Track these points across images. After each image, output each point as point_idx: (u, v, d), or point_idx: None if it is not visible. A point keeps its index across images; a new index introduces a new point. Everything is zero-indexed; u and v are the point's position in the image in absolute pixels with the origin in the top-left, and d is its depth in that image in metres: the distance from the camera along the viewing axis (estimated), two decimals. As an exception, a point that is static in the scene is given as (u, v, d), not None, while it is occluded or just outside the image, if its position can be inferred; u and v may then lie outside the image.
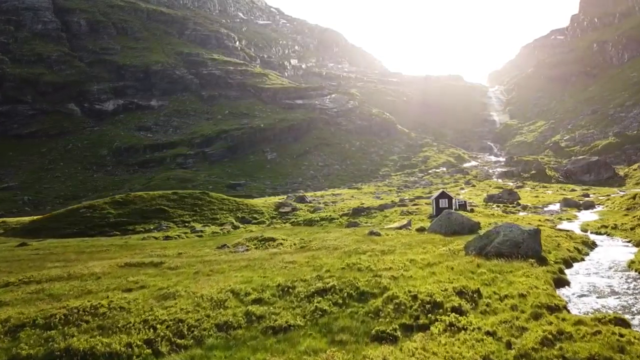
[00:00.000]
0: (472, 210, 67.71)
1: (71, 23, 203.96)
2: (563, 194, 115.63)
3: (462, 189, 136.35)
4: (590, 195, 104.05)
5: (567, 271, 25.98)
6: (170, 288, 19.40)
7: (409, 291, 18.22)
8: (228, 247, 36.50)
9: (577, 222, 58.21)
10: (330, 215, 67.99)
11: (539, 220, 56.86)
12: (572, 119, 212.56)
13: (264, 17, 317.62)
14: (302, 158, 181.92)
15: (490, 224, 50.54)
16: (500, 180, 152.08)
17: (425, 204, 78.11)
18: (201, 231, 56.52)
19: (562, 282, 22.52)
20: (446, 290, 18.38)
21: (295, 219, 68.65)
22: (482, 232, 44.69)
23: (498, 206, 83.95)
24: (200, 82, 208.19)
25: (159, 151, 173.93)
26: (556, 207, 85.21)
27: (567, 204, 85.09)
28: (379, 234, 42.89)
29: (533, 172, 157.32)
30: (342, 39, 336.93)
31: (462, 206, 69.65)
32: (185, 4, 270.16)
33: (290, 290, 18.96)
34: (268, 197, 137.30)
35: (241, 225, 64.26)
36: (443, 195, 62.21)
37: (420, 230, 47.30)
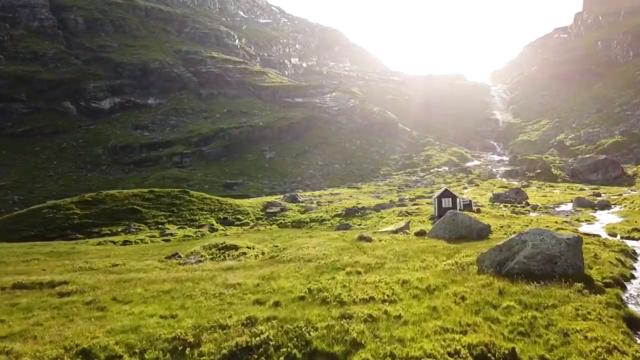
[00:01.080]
0: (478, 211, 59.67)
1: (68, 20, 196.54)
2: (572, 193, 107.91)
3: (465, 188, 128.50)
4: (602, 195, 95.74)
5: (624, 297, 17.91)
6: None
7: (393, 355, 10.20)
8: (180, 256, 28.64)
9: (599, 224, 50.06)
10: (321, 216, 60.08)
11: (556, 222, 48.78)
12: (577, 118, 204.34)
13: (264, 16, 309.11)
14: (302, 157, 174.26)
15: (501, 226, 42.52)
16: (504, 180, 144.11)
17: (427, 203, 70.17)
18: (171, 234, 48.65)
19: (634, 323, 14.39)
20: (457, 353, 10.40)
21: (283, 220, 60.72)
22: (493, 236, 36.63)
23: (505, 206, 75.94)
24: (198, 80, 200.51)
25: (155, 150, 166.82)
26: (568, 207, 77.10)
27: (581, 203, 76.90)
28: (369, 240, 34.91)
29: (538, 171, 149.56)
30: (344, 38, 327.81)
31: (467, 206, 61.68)
32: (184, 2, 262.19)
33: (189, 349, 11.02)
34: (265, 197, 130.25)
35: (221, 227, 56.36)
36: (446, 193, 54.05)
37: (420, 234, 39.29)
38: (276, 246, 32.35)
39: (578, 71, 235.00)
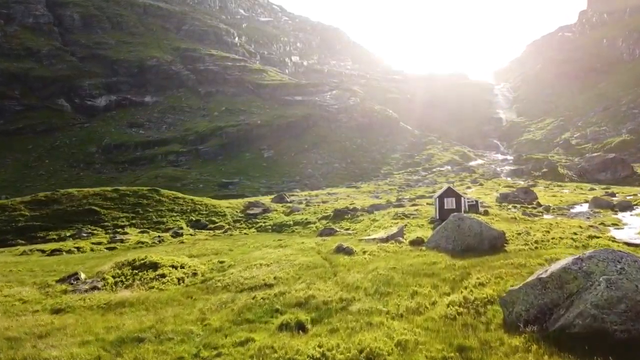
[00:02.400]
0: (485, 212, 50.66)
1: (64, 17, 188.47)
2: (583, 193, 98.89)
3: (469, 187, 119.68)
4: (617, 195, 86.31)
5: None
6: None
7: None
8: (78, 279, 20.25)
9: (631, 229, 41.21)
10: (306, 219, 51.40)
11: (580, 227, 39.90)
12: (583, 116, 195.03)
13: (265, 14, 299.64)
14: (301, 156, 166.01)
15: (518, 233, 33.49)
16: (509, 179, 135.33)
17: (427, 204, 61.30)
18: (122, 241, 39.98)
19: None
20: None
21: (264, 223, 52.10)
22: (510, 248, 27.81)
23: (515, 207, 66.93)
24: (196, 78, 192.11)
25: (151, 148, 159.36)
26: (584, 208, 68.00)
27: (598, 204, 67.59)
28: (350, 252, 26.18)
29: (544, 170, 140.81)
30: (345, 37, 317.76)
31: (473, 207, 52.85)
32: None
33: None
34: (256, 197, 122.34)
35: (191, 231, 47.74)
36: (449, 192, 44.96)
37: (416, 243, 30.44)
38: (222, 262, 23.80)
39: (583, 69, 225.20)
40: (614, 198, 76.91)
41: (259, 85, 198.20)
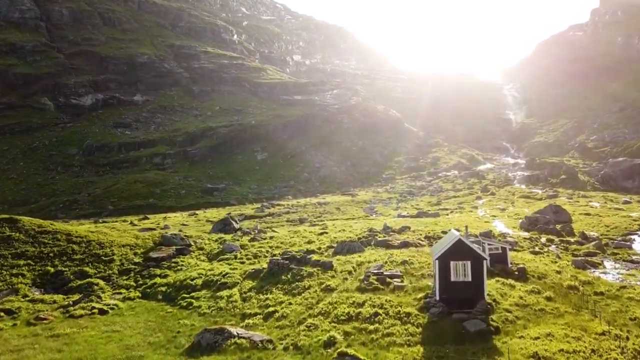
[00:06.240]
0: (521, 273, 28.07)
1: (52, 12, 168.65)
2: (619, 208, 77.22)
3: (479, 198, 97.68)
4: (670, 214, 63.24)
5: None
6: None
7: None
8: None
9: None
10: (225, 275, 29.92)
11: None
12: (598, 117, 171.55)
13: (268, 13, 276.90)
14: (297, 158, 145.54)
15: None
16: (524, 186, 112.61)
17: (428, 237, 38.78)
18: None
19: None
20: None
21: (161, 279, 30.82)
22: None
23: (550, 241, 44.34)
24: (191, 76, 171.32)
25: (135, 150, 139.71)
26: (648, 241, 45.02)
27: (670, 237, 44.37)
28: None
29: (563, 176, 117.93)
30: (350, 36, 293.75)
31: (500, 259, 29.97)
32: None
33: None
34: (239, 207, 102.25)
35: (27, 298, 25.80)
36: (459, 250, 22.22)
37: None
38: None
39: (595, 68, 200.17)
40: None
41: (256, 84, 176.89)
